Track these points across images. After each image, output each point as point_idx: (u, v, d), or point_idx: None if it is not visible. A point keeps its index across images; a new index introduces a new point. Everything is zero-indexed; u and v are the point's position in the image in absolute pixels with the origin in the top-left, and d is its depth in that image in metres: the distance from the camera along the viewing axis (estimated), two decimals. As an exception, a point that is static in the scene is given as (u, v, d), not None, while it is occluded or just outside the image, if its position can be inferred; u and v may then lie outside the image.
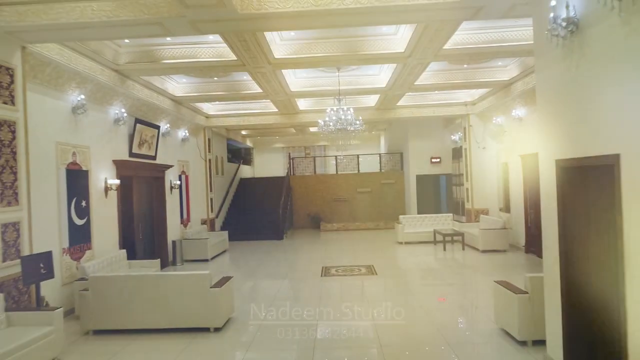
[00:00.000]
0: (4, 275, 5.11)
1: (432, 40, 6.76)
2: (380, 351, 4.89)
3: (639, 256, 3.01)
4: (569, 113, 3.85)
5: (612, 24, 3.13)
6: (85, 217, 7.21)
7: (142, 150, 9.45)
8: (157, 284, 5.73)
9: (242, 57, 7.40)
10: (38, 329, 4.74)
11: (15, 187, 5.33)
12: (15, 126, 5.38)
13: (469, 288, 7.99)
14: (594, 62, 3.42)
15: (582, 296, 3.93)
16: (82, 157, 7.21)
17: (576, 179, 3.88)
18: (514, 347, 4.84)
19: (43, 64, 6.05)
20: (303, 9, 4.85)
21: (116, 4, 4.90)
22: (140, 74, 8.30)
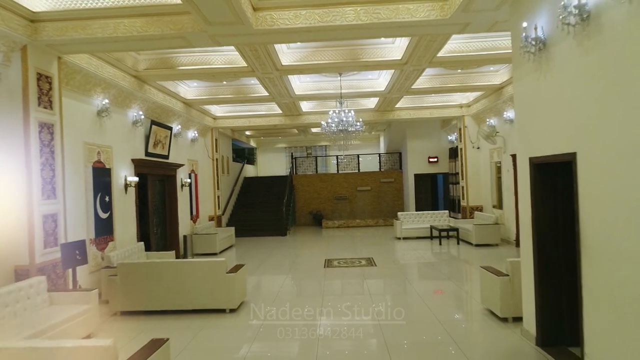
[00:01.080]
0: (44, 260, 5.76)
1: (426, 49, 7.41)
2: (378, 324, 5.54)
3: (593, 238, 3.66)
4: (539, 117, 4.50)
5: (569, 44, 3.78)
6: (108, 211, 7.87)
7: (156, 149, 10.11)
8: (179, 270, 6.38)
9: (252, 64, 8.05)
10: (77, 307, 5.38)
11: (53, 183, 5.98)
12: (53, 128, 6.03)
13: (461, 277, 8.62)
14: (557, 75, 4.08)
15: (551, 276, 4.59)
16: (105, 156, 7.86)
17: (546, 173, 4.54)
18: (496, 324, 5.48)
19: (74, 72, 6.70)
20: (310, 25, 5.50)
21: (145, 20, 5.55)
22: (157, 79, 8.95)
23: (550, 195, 4.54)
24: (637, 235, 3.08)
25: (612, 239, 3.37)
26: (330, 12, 5.49)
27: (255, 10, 5.46)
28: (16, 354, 3.08)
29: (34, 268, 5.58)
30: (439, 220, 13.62)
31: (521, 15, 4.69)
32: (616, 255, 3.33)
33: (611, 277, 3.40)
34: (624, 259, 3.23)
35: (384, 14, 5.46)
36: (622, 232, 3.24)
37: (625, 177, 3.18)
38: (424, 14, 5.43)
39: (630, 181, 3.13)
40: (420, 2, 5.43)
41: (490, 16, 5.38)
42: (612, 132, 3.31)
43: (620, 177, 3.23)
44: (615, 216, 3.33)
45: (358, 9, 5.48)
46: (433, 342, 5.02)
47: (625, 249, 3.21)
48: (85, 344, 3.10)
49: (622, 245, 3.25)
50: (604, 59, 3.36)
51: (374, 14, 5.46)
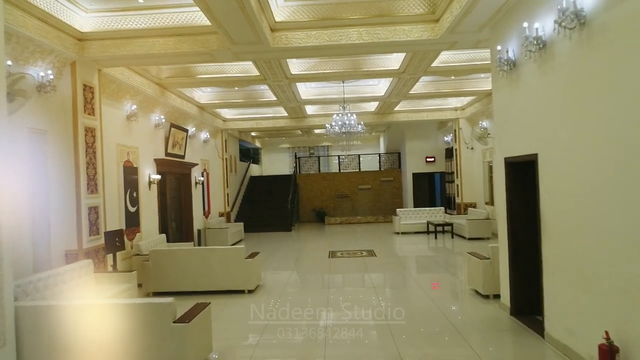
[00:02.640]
0: (90, 246, 6.67)
1: (421, 61, 8.31)
2: (379, 303, 6.45)
3: (549, 220, 4.56)
4: (512, 124, 5.41)
5: (531, 67, 4.68)
6: (135, 205, 8.77)
7: (174, 150, 11.01)
8: (203, 256, 7.29)
9: (264, 73, 8.95)
10: (119, 286, 6.27)
11: (95, 179, 6.88)
12: (95, 132, 6.93)
13: (452, 265, 9.52)
14: (523, 90, 4.98)
15: (522, 257, 5.49)
16: (133, 156, 8.77)
17: (517, 171, 5.44)
18: (479, 300, 6.39)
19: (110, 81, 7.60)
20: (320, 44, 6.40)
21: (178, 39, 6.45)
22: (177, 87, 9.86)
23: (521, 188, 5.43)
24: (578, 218, 3.98)
25: (562, 221, 4.27)
26: (336, 32, 6.39)
27: (272, 31, 6.36)
28: (103, 307, 4.00)
29: (82, 252, 6.49)
30: (435, 216, 14.53)
31: (497, 38, 5.60)
32: (565, 233, 4.23)
33: (561, 249, 4.31)
34: (569, 235, 4.14)
35: (382, 34, 6.36)
36: (569, 216, 4.14)
37: (570, 174, 4.08)
38: (418, 34, 6.33)
39: (574, 178, 4.03)
40: (414, 24, 6.33)
41: (474, 36, 6.28)
42: (561, 139, 4.21)
43: (567, 175, 4.14)
44: (563, 204, 4.23)
45: (360, 30, 6.38)
46: (425, 315, 5.92)
47: (571, 228, 4.11)
48: (152, 301, 4.01)
49: (568, 225, 4.15)
50: (555, 80, 4.27)
51: (374, 34, 6.36)
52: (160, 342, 3.91)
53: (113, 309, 4.02)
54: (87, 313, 4.03)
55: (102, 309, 4.04)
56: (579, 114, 3.91)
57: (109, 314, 4.00)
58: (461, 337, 4.95)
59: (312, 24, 6.34)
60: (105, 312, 4.02)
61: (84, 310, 4.05)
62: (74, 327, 3.99)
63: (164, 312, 3.93)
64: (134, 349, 3.93)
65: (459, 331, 5.14)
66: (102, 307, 4.08)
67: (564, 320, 4.32)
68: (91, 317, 4.01)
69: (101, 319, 3.99)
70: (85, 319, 4.01)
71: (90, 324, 3.98)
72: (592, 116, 3.72)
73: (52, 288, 5.30)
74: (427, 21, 6.31)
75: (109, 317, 3.99)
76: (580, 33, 3.76)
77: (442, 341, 4.92)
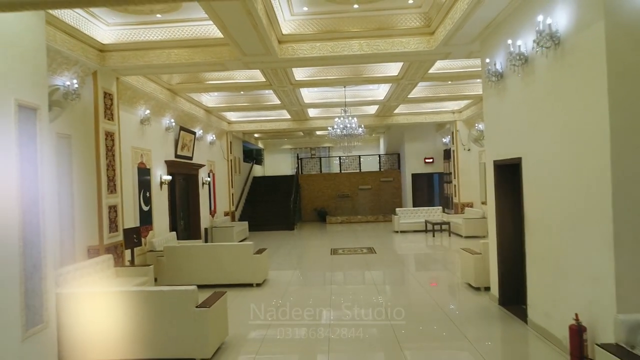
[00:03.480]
0: (109, 242, 7.17)
1: (418, 68, 8.81)
2: (377, 294, 6.95)
3: (530, 217, 5.07)
4: (500, 129, 5.91)
5: (515, 79, 5.19)
6: (148, 204, 9.28)
7: (183, 152, 11.52)
8: (215, 252, 7.80)
9: (270, 79, 9.45)
10: (137, 279, 6.78)
11: (114, 180, 7.39)
12: (114, 136, 7.43)
13: (447, 261, 10.02)
14: (509, 99, 5.49)
15: (509, 251, 5.99)
16: (146, 158, 9.27)
17: (504, 172, 5.94)
18: (471, 292, 6.89)
19: (126, 88, 8.11)
20: (324, 54, 6.91)
21: (192, 50, 6.96)
22: (187, 92, 10.37)
23: (508, 189, 5.93)
24: (555, 215, 4.48)
25: (542, 218, 4.78)
26: (339, 44, 6.90)
27: (280, 43, 6.87)
28: (133, 294, 4.51)
29: (103, 248, 6.99)
30: (433, 216, 15.03)
31: (486, 51, 6.11)
32: (544, 229, 4.74)
33: (541, 244, 4.81)
34: (548, 231, 4.64)
35: (382, 46, 6.86)
36: (547, 213, 4.65)
37: (548, 176, 4.59)
38: (414, 46, 6.84)
39: (550, 179, 4.53)
40: (411, 37, 6.84)
41: (466, 48, 6.78)
42: (540, 144, 4.71)
43: (545, 176, 4.64)
44: (543, 203, 4.74)
45: (361, 42, 6.88)
46: (421, 305, 6.42)
47: (549, 224, 4.62)
48: (175, 288, 4.51)
49: (547, 222, 4.66)
50: (535, 92, 4.77)
51: (374, 45, 6.87)
52: (184, 325, 4.42)
53: (142, 296, 4.53)
54: (119, 299, 4.54)
55: (132, 296, 4.54)
56: (553, 123, 4.41)
57: (139, 300, 4.51)
58: (454, 325, 5.45)
59: (317, 36, 6.84)
60: (135, 298, 4.52)
61: (116, 296, 4.56)
62: (107, 312, 4.50)
63: (187, 298, 4.44)
64: (161, 331, 4.44)
65: (451, 319, 5.64)
66: (132, 293, 4.58)
67: (543, 306, 4.82)
68: (123, 302, 4.52)
69: (131, 305, 4.50)
70: (117, 304, 4.52)
71: (122, 309, 4.49)
72: (562, 125, 4.22)
73: (79, 280, 5.82)
74: (423, 34, 6.81)
75: (139, 303, 4.50)
76: (555, 52, 4.27)
77: (437, 328, 5.42)
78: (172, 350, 4.44)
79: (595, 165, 3.72)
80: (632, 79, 3.52)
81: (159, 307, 4.46)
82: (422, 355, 4.78)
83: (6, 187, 3.81)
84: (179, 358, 4.45)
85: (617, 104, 3.51)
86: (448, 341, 5.06)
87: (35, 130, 4.21)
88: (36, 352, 4.11)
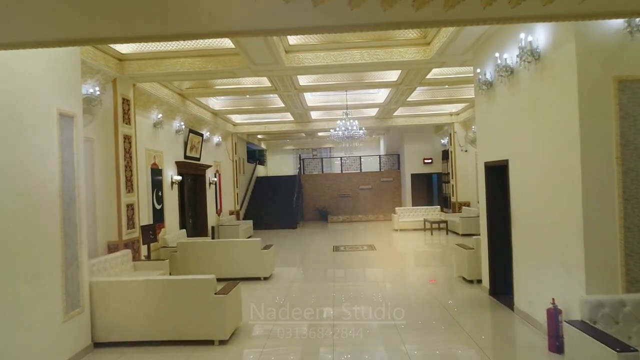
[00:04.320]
0: (127, 238, 7.69)
1: (416, 75, 9.32)
2: (377, 286, 7.46)
3: (516, 214, 5.58)
4: (490, 133, 6.42)
5: (503, 88, 5.71)
6: (161, 203, 9.80)
7: (191, 153, 12.04)
8: (225, 247, 8.33)
9: (276, 84, 9.96)
10: (154, 272, 7.28)
11: (131, 180, 7.90)
12: (131, 139, 7.95)
13: (443, 257, 10.53)
14: (498, 107, 6.00)
15: (498, 247, 6.50)
16: (158, 159, 9.79)
17: (495, 173, 6.45)
18: (465, 285, 7.41)
19: (141, 94, 8.63)
20: (327, 63, 7.43)
21: (204, 59, 7.48)
22: (196, 96, 10.88)
23: (498, 189, 6.44)
24: (535, 213, 4.99)
25: (526, 215, 5.30)
26: (341, 53, 7.41)
27: (286, 52, 7.38)
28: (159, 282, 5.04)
29: (121, 243, 7.51)
30: (431, 214, 15.55)
31: (478, 61, 6.62)
32: (528, 225, 5.25)
33: (524, 237, 5.33)
34: (530, 226, 5.16)
35: (381, 55, 7.38)
36: (530, 211, 5.16)
37: (529, 177, 5.10)
38: (411, 55, 7.35)
39: (532, 180, 5.05)
40: (408, 47, 7.35)
41: (460, 57, 7.29)
42: (523, 148, 5.23)
43: (528, 177, 5.16)
44: (526, 201, 5.25)
45: (362, 52, 7.40)
46: (418, 295, 6.94)
47: (532, 220, 5.13)
48: (196, 277, 5.04)
49: (529, 219, 5.17)
50: (519, 101, 5.29)
51: (375, 55, 7.38)
52: (204, 310, 4.93)
53: (167, 284, 5.05)
54: (146, 287, 5.06)
55: (158, 284, 5.07)
56: (534, 130, 4.93)
57: (164, 288, 5.03)
58: (447, 313, 5.96)
59: (321, 46, 7.36)
60: (161, 286, 5.05)
61: (143, 284, 5.08)
62: (135, 298, 5.01)
63: (207, 286, 4.96)
64: (183, 316, 4.95)
65: (445, 308, 6.16)
66: (158, 282, 5.11)
67: (527, 294, 5.34)
68: (149, 290, 5.04)
69: (157, 292, 5.02)
70: (144, 292, 5.04)
71: (149, 296, 5.01)
72: (542, 132, 4.74)
73: (102, 272, 6.34)
74: (420, 44, 7.33)
75: (164, 290, 5.02)
76: (536, 66, 4.78)
77: (432, 316, 5.94)
78: (193, 332, 4.96)
79: (569, 170, 4.23)
80: (598, 93, 4.03)
81: (182, 294, 4.98)
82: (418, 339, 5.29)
83: (52, 186, 4.34)
84: (200, 340, 4.97)
85: (586, 114, 4.03)
86: (442, 326, 5.55)
87: (73, 136, 4.74)
88: (74, 333, 4.64)
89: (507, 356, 4.81)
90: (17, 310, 3.85)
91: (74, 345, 4.62)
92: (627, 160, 3.98)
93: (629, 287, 3.93)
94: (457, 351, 4.87)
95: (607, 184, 4.01)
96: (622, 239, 3.97)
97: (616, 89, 3.98)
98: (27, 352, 3.95)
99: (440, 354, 4.85)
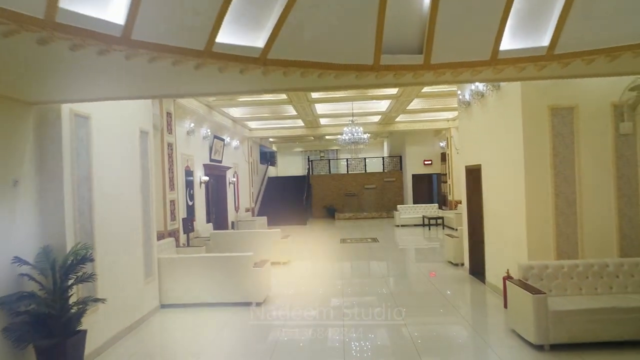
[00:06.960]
0: (171, 228, 9.26)
1: (412, 89, 10.83)
2: (379, 272, 8.99)
3: (487, 208, 7.09)
4: (469, 142, 7.92)
5: (477, 107, 7.21)
6: (192, 200, 11.37)
7: (215, 156, 13.61)
8: (251, 236, 9.90)
9: (291, 97, 11.50)
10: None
11: (174, 179, 9.47)
12: (172, 145, 9.53)
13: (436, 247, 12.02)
14: (474, 122, 7.51)
15: (475, 235, 7.99)
16: (190, 162, 11.37)
17: (472, 175, 7.95)
18: (451, 267, 8.91)
19: (178, 107, 10.21)
20: (337, 83, 8.95)
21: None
22: (220, 107, 12.45)
23: (475, 188, 7.93)
24: (499, 206, 6.49)
25: (492, 207, 6.80)
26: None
27: (303, 75, 8.91)
28: (209, 258, 6.60)
29: (167, 232, 9.09)
30: (430, 211, 17.02)
31: (460, 85, 8.12)
32: (493, 215, 6.76)
33: (491, 226, 6.84)
34: (495, 217, 6.67)
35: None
36: (495, 205, 6.67)
37: (494, 179, 6.61)
38: (407, 76, 8.85)
39: (495, 181, 6.55)
40: (404, 70, 8.86)
41: (447, 78, 8.78)
42: (490, 156, 6.73)
43: (493, 179, 6.66)
44: (493, 197, 6.75)
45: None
46: (411, 275, 8.46)
47: (496, 212, 6.64)
48: (239, 254, 6.59)
49: (495, 211, 6.68)
50: (488, 119, 6.79)
51: (376, 76, 8.89)
52: (244, 279, 6.48)
53: (216, 259, 6.62)
54: (200, 261, 6.62)
55: (209, 259, 6.63)
56: (497, 143, 6.43)
57: (214, 262, 6.59)
58: (435, 287, 7.47)
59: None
60: (212, 261, 6.61)
61: (198, 260, 6.64)
62: (191, 271, 6.57)
63: (247, 260, 6.51)
64: (229, 283, 6.50)
65: (434, 284, 7.67)
66: (209, 258, 6.67)
67: (493, 269, 6.84)
68: (202, 264, 6.60)
69: (209, 266, 6.58)
70: (199, 265, 6.60)
71: (203, 269, 6.57)
72: (502, 145, 6.24)
73: (157, 254, 7.91)
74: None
75: (214, 265, 6.58)
76: (498, 93, 6.29)
77: (422, 289, 7.45)
78: (237, 297, 6.50)
79: (517, 173, 5.73)
80: (537, 117, 5.53)
81: (228, 267, 6.53)
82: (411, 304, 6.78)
83: (135, 186, 5.91)
84: (241, 302, 6.50)
85: (528, 132, 5.53)
86: (430, 296, 7.05)
87: (147, 147, 6.31)
88: (150, 293, 6.21)
89: (473, 312, 6.34)
90: (122, 272, 5.42)
91: (149, 303, 6.19)
92: (557, 166, 5.48)
93: (559, 257, 5.43)
94: (439, 310, 6.38)
95: (543, 184, 5.51)
96: (554, 223, 5.47)
97: (550, 114, 5.47)
98: (128, 301, 5.53)
99: (427, 312, 6.37)
